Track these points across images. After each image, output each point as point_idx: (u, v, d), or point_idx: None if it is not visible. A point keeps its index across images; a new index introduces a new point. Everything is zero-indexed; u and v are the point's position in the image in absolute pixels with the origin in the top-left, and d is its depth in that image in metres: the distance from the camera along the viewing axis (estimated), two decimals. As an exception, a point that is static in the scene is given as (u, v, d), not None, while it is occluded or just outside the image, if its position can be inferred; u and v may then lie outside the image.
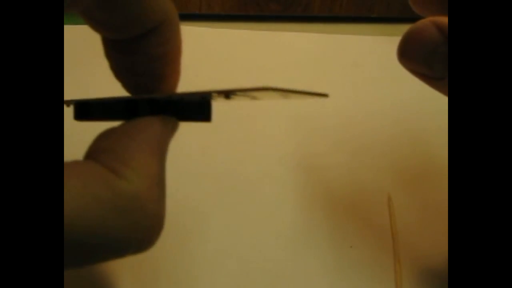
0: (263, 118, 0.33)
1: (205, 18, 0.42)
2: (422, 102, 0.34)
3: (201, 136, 0.32)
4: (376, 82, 0.37)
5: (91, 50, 0.34)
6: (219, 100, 0.19)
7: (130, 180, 0.16)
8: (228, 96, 0.17)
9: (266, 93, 0.16)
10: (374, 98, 0.36)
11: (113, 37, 0.19)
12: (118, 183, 0.15)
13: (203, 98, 0.19)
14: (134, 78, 0.20)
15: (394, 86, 0.36)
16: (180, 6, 0.41)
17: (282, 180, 0.30)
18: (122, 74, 0.21)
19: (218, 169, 0.30)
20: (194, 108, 0.19)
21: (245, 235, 0.27)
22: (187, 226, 0.27)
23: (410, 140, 0.33)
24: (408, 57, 0.20)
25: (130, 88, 0.21)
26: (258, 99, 0.18)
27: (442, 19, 0.18)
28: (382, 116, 0.35)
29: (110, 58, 0.20)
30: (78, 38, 0.33)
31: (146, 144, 0.17)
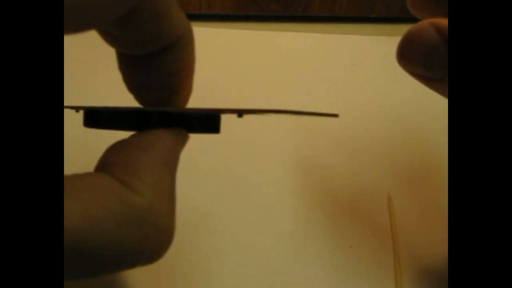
0: (264, 118, 0.33)
1: (205, 18, 0.42)
2: (422, 102, 0.34)
3: (203, 136, 0.32)
4: (376, 82, 0.37)
5: (91, 50, 0.34)
6: (229, 114, 0.19)
7: (142, 194, 0.16)
8: (240, 115, 0.17)
9: (277, 115, 0.16)
10: (373, 98, 0.36)
11: (128, 53, 0.19)
12: (130, 197, 0.16)
13: (214, 112, 0.19)
14: (147, 92, 0.20)
15: (394, 86, 0.36)
16: (180, 6, 0.41)
17: (282, 180, 0.30)
18: (135, 88, 0.21)
19: (219, 169, 0.30)
20: (204, 121, 0.20)
21: (245, 235, 0.27)
22: (188, 226, 0.27)
23: (410, 140, 0.33)
24: (407, 58, 0.20)
25: (142, 100, 0.21)
26: (267, 115, 0.19)
27: (441, 21, 0.18)
28: (382, 116, 0.35)
29: (124, 72, 0.20)
30: (78, 38, 0.33)
31: (158, 157, 0.17)
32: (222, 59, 0.38)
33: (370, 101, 0.36)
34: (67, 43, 0.25)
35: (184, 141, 0.19)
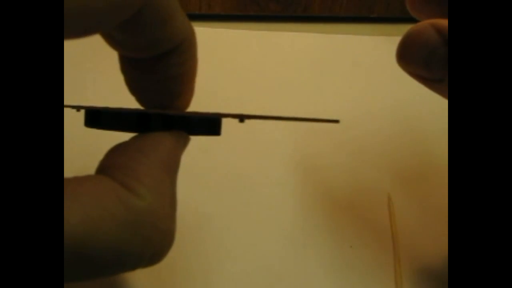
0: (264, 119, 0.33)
1: (205, 18, 0.42)
2: (422, 102, 0.34)
3: (202, 137, 0.32)
4: (376, 82, 0.37)
5: (91, 50, 0.34)
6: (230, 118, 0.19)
7: (143, 197, 0.16)
8: (242, 120, 0.17)
9: (278, 121, 0.16)
10: (374, 98, 0.36)
11: (132, 56, 0.19)
12: (131, 200, 0.16)
13: (214, 115, 0.19)
14: (149, 95, 0.20)
15: (394, 86, 0.36)
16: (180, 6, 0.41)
17: (282, 180, 0.30)
18: (137, 90, 0.21)
19: (220, 169, 0.30)
20: (205, 123, 0.20)
21: (245, 235, 0.27)
22: (188, 226, 0.27)
23: (410, 140, 0.33)
24: (407, 59, 0.20)
25: (144, 103, 0.21)
26: (269, 120, 0.19)
27: (440, 22, 0.18)
28: (382, 116, 0.35)
29: (126, 74, 0.20)
30: (82, 40, 0.33)
31: (159, 160, 0.17)
32: (222, 59, 0.38)
33: (370, 101, 0.36)
34: (69, 44, 0.25)
35: (185, 143, 0.19)
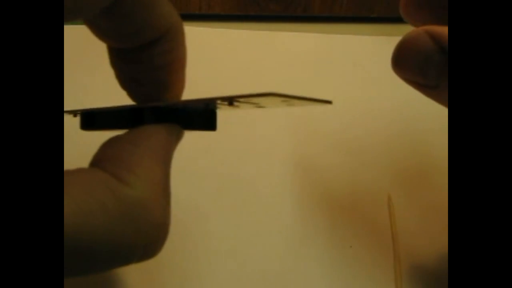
0: (263, 118, 0.33)
1: (205, 18, 0.42)
2: (422, 102, 0.34)
3: (201, 136, 0.32)
4: (376, 82, 0.37)
5: (91, 50, 0.34)
6: (224, 108, 0.19)
7: (135, 186, 0.16)
8: (231, 103, 0.17)
9: (269, 99, 0.16)
10: (374, 98, 0.36)
11: (118, 46, 0.19)
12: (122, 190, 0.15)
13: (208, 107, 0.19)
14: (139, 87, 0.20)
15: (394, 86, 0.36)
16: (180, 6, 0.41)
17: (282, 180, 0.30)
18: (127, 83, 0.21)
19: (219, 169, 0.30)
20: (199, 117, 0.20)
21: (245, 235, 0.27)
22: (188, 226, 0.27)
23: (410, 140, 0.33)
24: (402, 66, 0.20)
25: (135, 97, 0.21)
26: (262, 107, 0.19)
27: (435, 28, 0.18)
28: (382, 116, 0.35)
29: (115, 67, 0.20)
30: (78, 38, 0.33)
31: (151, 151, 0.17)
32: (222, 59, 0.38)
33: (370, 101, 0.36)
34: (67, 44, 0.24)
35: (178, 136, 0.19)
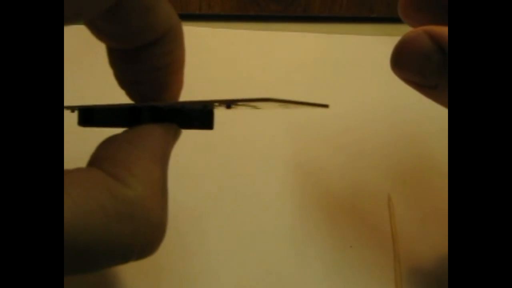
0: (263, 119, 0.33)
1: (205, 18, 0.42)
2: (423, 103, 0.34)
3: (201, 137, 0.32)
4: (376, 82, 0.37)
5: (91, 50, 0.34)
6: (221, 109, 0.19)
7: (133, 186, 0.16)
8: (229, 106, 0.17)
9: (266, 103, 0.16)
10: (374, 98, 0.36)
11: (117, 47, 0.19)
12: (120, 190, 0.16)
13: (206, 107, 0.19)
14: (138, 87, 0.20)
15: (394, 86, 0.36)
16: (180, 6, 0.41)
17: (282, 181, 0.30)
18: (126, 83, 0.21)
19: (218, 170, 0.30)
20: (196, 116, 0.20)
21: (245, 236, 0.27)
22: (187, 226, 0.27)
23: (410, 140, 0.33)
24: (401, 66, 0.20)
25: (134, 96, 0.21)
26: (259, 109, 0.19)
27: (434, 28, 0.18)
28: (382, 116, 0.35)
29: (115, 67, 0.20)
30: (78, 38, 0.33)
31: (148, 151, 0.17)
32: (222, 59, 0.38)
33: (370, 101, 0.36)
34: (67, 44, 0.24)
35: (175, 136, 0.19)
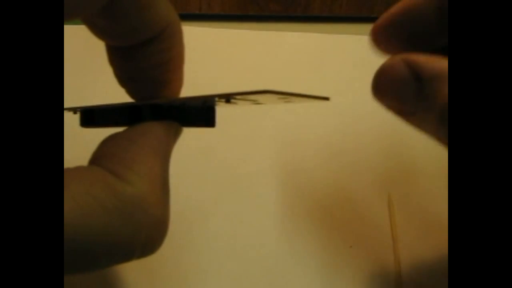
0: (263, 118, 0.33)
1: (205, 18, 0.42)
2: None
3: (201, 137, 0.32)
4: (376, 82, 0.37)
5: (91, 50, 0.34)
6: (222, 105, 0.19)
7: (133, 183, 0.16)
8: (228, 100, 0.17)
9: (266, 97, 0.16)
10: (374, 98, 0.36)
11: (116, 44, 0.19)
12: (120, 186, 0.15)
13: (207, 103, 0.19)
14: (138, 85, 0.20)
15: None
16: (180, 6, 0.41)
17: (282, 180, 0.30)
18: (125, 81, 0.21)
19: (218, 170, 0.30)
20: (198, 114, 0.19)
21: (245, 235, 0.27)
22: (186, 225, 0.27)
23: (411, 140, 0.33)
24: (381, 93, 0.21)
25: (134, 94, 0.21)
26: (259, 103, 0.18)
27: (411, 56, 0.19)
28: (382, 116, 0.34)
29: (114, 65, 0.20)
30: (78, 38, 0.33)
31: (149, 147, 0.17)
32: (222, 59, 0.38)
33: (370, 101, 0.36)
34: (67, 44, 0.24)
35: (177, 133, 0.19)
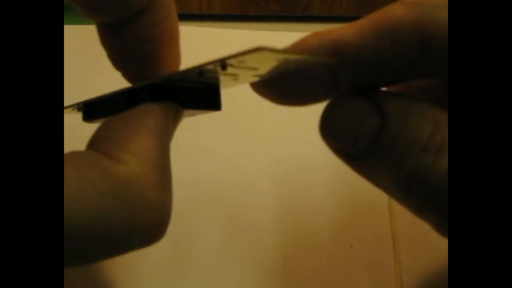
0: (264, 117, 0.33)
1: (205, 18, 0.42)
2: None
3: (201, 137, 0.32)
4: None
5: (91, 50, 0.34)
6: (224, 82, 0.18)
7: (127, 163, 0.15)
8: (224, 67, 0.15)
9: (265, 62, 0.15)
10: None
11: (104, 20, 0.19)
12: (114, 167, 0.15)
13: (208, 81, 0.17)
14: (132, 65, 0.20)
15: (394, 86, 0.36)
16: (180, 6, 0.41)
17: (282, 180, 0.30)
18: (119, 62, 0.20)
19: (218, 169, 0.30)
20: (200, 95, 0.18)
21: (245, 235, 0.27)
22: (186, 225, 0.27)
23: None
24: (330, 131, 0.18)
25: (130, 76, 0.20)
26: (261, 74, 0.17)
27: (375, 92, 0.17)
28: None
29: (106, 45, 0.20)
30: (78, 38, 0.33)
31: (145, 127, 0.16)
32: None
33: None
34: (67, 44, 0.25)
35: (177, 115, 0.18)
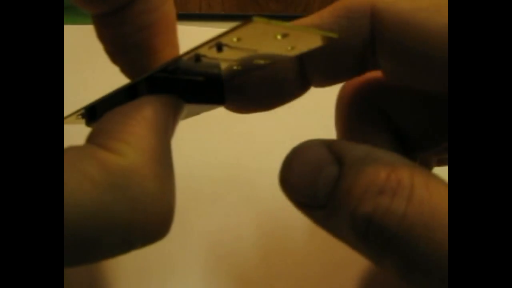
0: (264, 118, 0.33)
1: (205, 18, 0.42)
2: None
3: (201, 137, 0.32)
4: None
5: (91, 50, 0.34)
6: (227, 70, 0.17)
7: (125, 154, 0.14)
8: (220, 48, 0.15)
9: (257, 33, 0.14)
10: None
11: (98, 10, 0.19)
12: (110, 159, 0.14)
13: (198, 58, 0.17)
14: (129, 56, 0.19)
15: (394, 86, 0.36)
16: (180, 6, 0.41)
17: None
18: (117, 54, 0.20)
19: (218, 169, 0.30)
20: (202, 87, 0.18)
21: (244, 235, 0.27)
22: (186, 225, 0.27)
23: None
24: (288, 181, 0.18)
25: (127, 70, 0.20)
26: (264, 56, 0.17)
27: (333, 140, 0.17)
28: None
29: (102, 38, 0.20)
30: (78, 38, 0.33)
31: (143, 119, 0.16)
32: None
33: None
34: (67, 44, 0.24)
35: (177, 107, 0.18)
